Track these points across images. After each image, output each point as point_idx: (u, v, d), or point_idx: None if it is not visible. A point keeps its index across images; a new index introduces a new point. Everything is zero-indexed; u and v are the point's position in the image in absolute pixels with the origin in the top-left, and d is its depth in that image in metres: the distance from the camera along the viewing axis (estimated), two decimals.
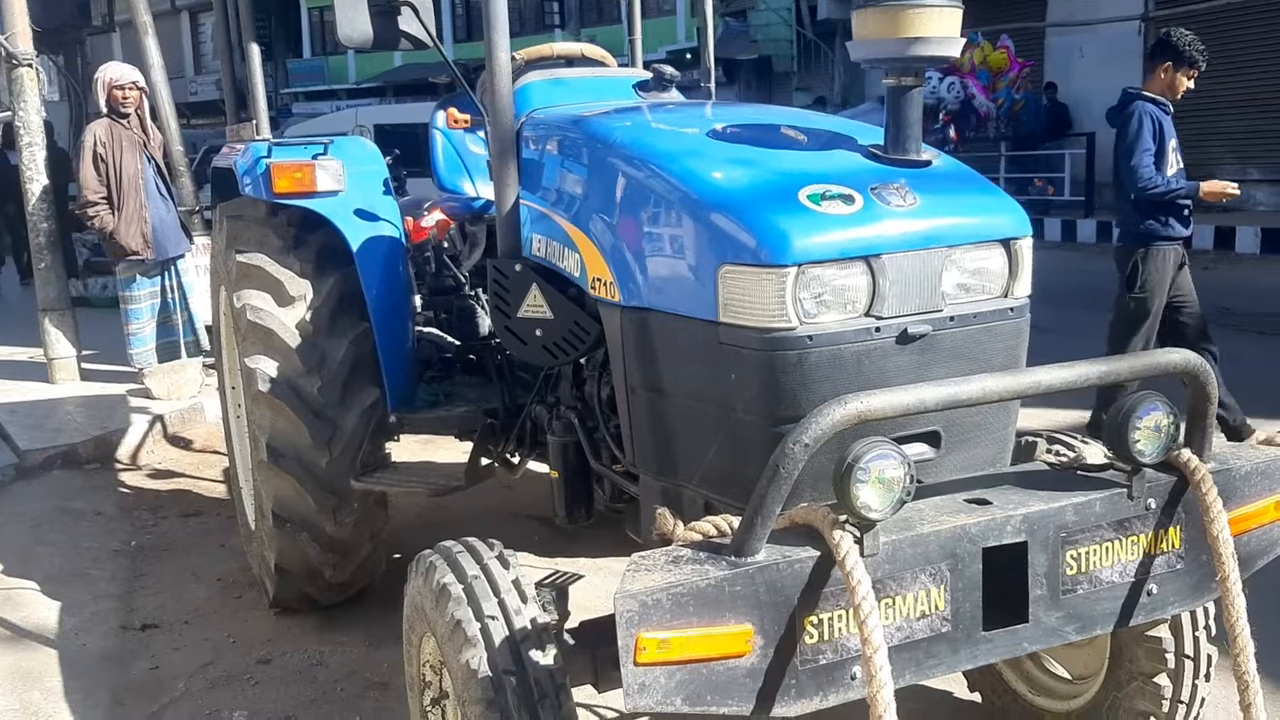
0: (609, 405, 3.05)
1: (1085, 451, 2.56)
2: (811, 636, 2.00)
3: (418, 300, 4.23)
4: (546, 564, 4.31)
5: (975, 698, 3.29)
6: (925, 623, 2.09)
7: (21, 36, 7.33)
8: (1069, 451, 2.61)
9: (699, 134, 2.84)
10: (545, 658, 2.26)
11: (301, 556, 3.87)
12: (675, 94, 3.68)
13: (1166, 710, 2.76)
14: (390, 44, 3.32)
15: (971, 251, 2.46)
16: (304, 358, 3.73)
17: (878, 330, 2.35)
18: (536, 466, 3.89)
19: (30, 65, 7.38)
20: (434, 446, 5.62)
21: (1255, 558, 2.40)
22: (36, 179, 7.40)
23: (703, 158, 2.62)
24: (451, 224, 4.37)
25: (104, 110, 6.83)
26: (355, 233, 3.84)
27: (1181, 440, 2.28)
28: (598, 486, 3.31)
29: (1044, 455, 2.65)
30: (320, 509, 3.78)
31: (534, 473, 4.10)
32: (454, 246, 4.44)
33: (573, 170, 3.00)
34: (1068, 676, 3.08)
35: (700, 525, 2.16)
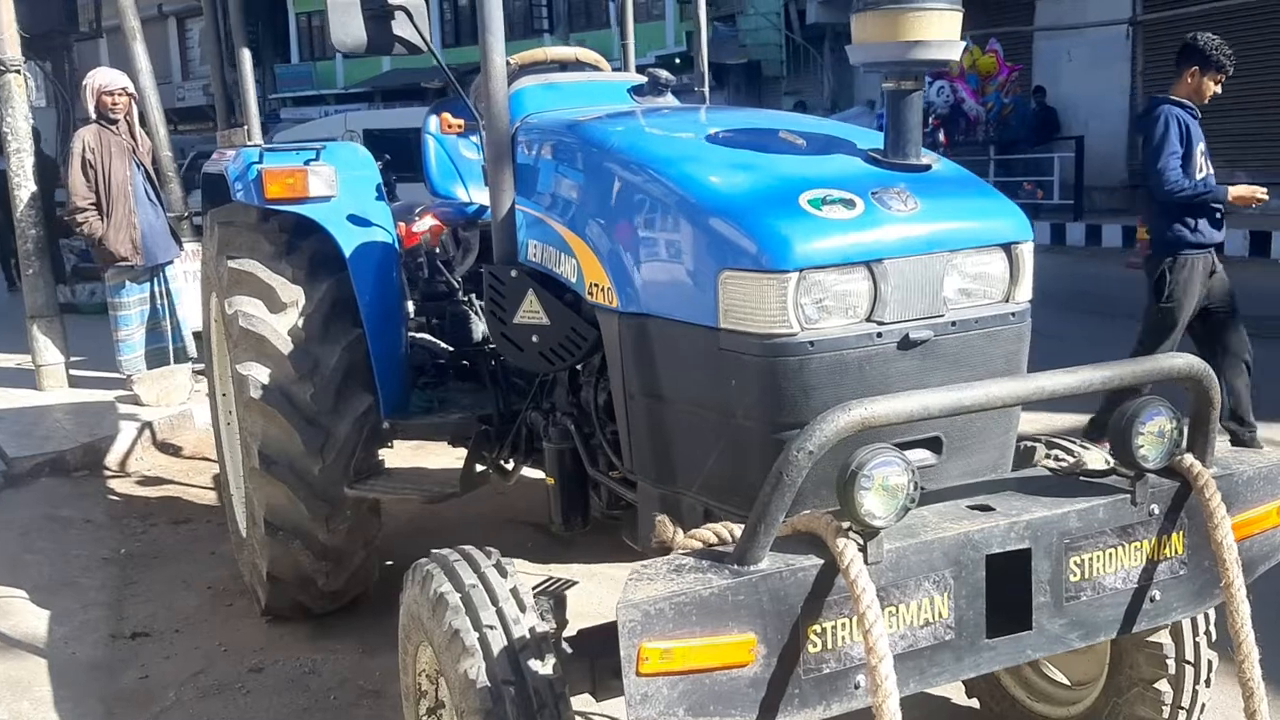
0: (606, 411, 3.03)
1: (1086, 457, 2.56)
2: (815, 645, 1.99)
3: (411, 306, 4.21)
4: (541, 570, 4.29)
5: (973, 704, 3.27)
6: (929, 630, 2.08)
7: (9, 42, 7.28)
8: (1068, 456, 2.61)
9: (697, 138, 2.83)
10: (544, 667, 2.24)
11: (294, 564, 3.84)
12: (670, 98, 3.67)
13: (1167, 716, 2.75)
14: (384, 49, 3.30)
15: (973, 256, 2.45)
16: (296, 364, 3.71)
17: (879, 336, 2.33)
18: (530, 472, 3.87)
19: (18, 71, 7.33)
20: (427, 453, 5.60)
21: (1258, 563, 2.40)
22: (24, 185, 7.36)
23: (701, 162, 2.60)
24: (444, 229, 4.36)
25: (93, 116, 6.79)
26: (348, 238, 3.81)
27: (1185, 445, 2.27)
28: (594, 493, 3.29)
29: (1043, 460, 2.65)
30: (313, 516, 3.76)
31: (527, 478, 4.08)
32: (447, 252, 4.42)
33: (569, 175, 2.98)
34: (1067, 682, 3.07)
35: (701, 533, 2.14)
